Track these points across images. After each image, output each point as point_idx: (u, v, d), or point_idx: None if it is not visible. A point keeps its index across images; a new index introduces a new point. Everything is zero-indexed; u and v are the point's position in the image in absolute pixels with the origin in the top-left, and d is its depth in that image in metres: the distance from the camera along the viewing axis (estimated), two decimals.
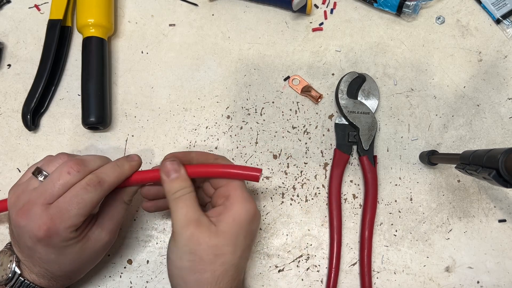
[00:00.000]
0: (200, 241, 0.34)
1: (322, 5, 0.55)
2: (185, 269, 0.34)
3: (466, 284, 0.48)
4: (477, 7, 0.56)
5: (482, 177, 0.36)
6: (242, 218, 0.35)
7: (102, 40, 0.50)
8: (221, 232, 0.35)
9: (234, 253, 0.35)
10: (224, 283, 0.35)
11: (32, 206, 0.34)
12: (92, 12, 0.49)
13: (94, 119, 0.47)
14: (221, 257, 0.34)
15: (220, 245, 0.34)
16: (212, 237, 0.34)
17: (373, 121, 0.50)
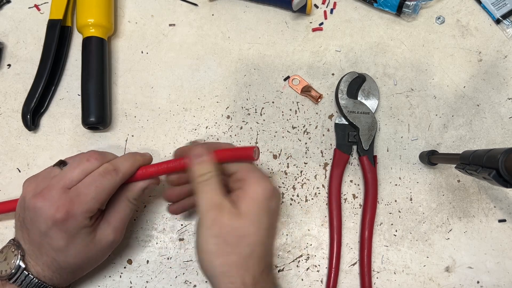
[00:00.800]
0: (223, 224, 0.34)
1: (322, 5, 0.55)
2: (211, 252, 0.35)
3: (466, 284, 0.48)
4: (477, 7, 0.56)
5: (482, 177, 0.36)
6: (260, 197, 0.36)
7: (102, 40, 0.50)
8: (243, 213, 0.35)
9: (258, 232, 0.35)
10: (252, 265, 0.35)
11: (51, 190, 0.36)
12: (92, 12, 0.49)
13: (94, 119, 0.47)
14: (246, 238, 0.35)
15: (243, 227, 0.35)
16: (234, 220, 0.35)
17: (373, 121, 0.50)
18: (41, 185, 0.37)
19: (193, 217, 0.48)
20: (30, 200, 0.36)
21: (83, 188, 0.37)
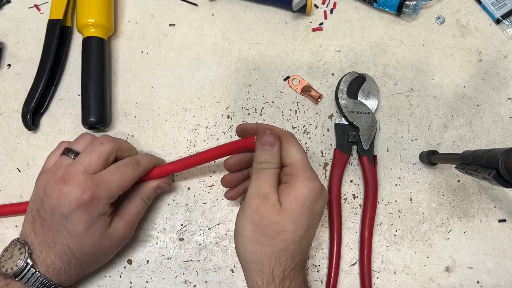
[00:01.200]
0: (264, 215, 0.36)
1: (322, 5, 0.55)
2: (247, 238, 0.36)
3: (466, 284, 0.48)
4: (477, 7, 0.56)
5: (482, 177, 0.36)
6: (304, 197, 0.36)
7: (102, 40, 0.50)
8: (284, 210, 0.36)
9: (296, 231, 0.36)
10: (284, 260, 0.36)
11: (74, 175, 0.37)
12: (92, 12, 0.49)
13: (94, 119, 0.47)
14: (282, 234, 0.35)
15: (281, 223, 0.35)
16: (275, 214, 0.35)
17: (373, 121, 0.50)
18: (59, 174, 0.38)
19: (193, 217, 0.48)
20: (54, 187, 0.37)
21: (108, 174, 0.39)
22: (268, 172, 0.37)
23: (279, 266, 0.35)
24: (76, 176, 0.37)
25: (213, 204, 0.49)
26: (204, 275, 0.47)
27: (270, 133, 0.38)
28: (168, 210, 0.48)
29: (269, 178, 0.37)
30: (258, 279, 0.36)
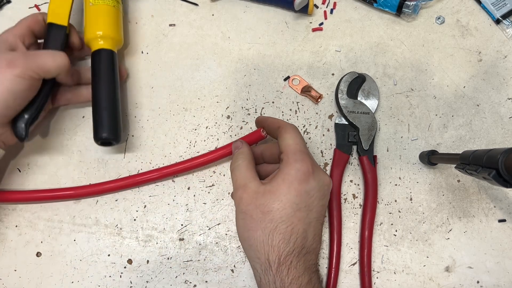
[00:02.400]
0: (249, 201, 0.37)
1: (322, 5, 0.55)
2: (240, 227, 0.38)
3: (466, 284, 0.48)
4: (477, 7, 0.56)
5: (482, 177, 0.36)
6: (292, 178, 0.37)
7: (112, 53, 0.47)
8: (269, 191, 0.37)
9: (283, 210, 0.36)
10: (277, 242, 0.36)
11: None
12: (100, 24, 0.47)
13: (107, 135, 0.44)
14: (269, 214, 0.36)
15: (266, 203, 0.37)
16: (259, 197, 0.37)
17: (373, 121, 0.50)
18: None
19: (193, 217, 0.48)
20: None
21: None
22: (242, 164, 0.40)
23: (273, 251, 0.35)
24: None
25: (213, 204, 0.49)
26: (204, 275, 0.47)
27: (237, 140, 0.44)
28: (168, 210, 0.49)
29: (243, 168, 0.40)
30: (258, 266, 0.37)
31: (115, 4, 0.48)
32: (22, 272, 0.47)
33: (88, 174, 0.49)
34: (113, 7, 0.48)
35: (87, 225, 0.48)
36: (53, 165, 0.50)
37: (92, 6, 0.47)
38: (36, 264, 0.47)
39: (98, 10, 0.47)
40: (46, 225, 0.48)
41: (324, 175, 0.39)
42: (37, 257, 0.47)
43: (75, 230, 0.48)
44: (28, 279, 0.47)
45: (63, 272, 0.47)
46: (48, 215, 0.48)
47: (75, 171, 0.49)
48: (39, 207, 0.48)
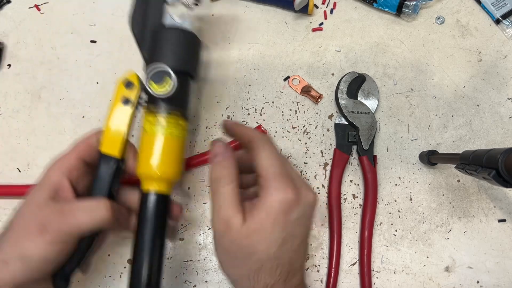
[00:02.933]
0: (232, 241, 0.33)
1: (322, 5, 0.55)
2: (223, 263, 0.35)
3: (466, 284, 0.48)
4: (477, 7, 0.56)
5: (482, 177, 0.36)
6: (275, 211, 0.33)
7: (165, 198, 0.38)
8: (253, 230, 0.33)
9: (269, 249, 0.33)
10: (263, 276, 0.33)
11: None
12: (154, 160, 0.37)
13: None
14: (255, 255, 0.33)
15: (251, 245, 0.33)
16: (243, 238, 0.33)
17: (373, 121, 0.50)
18: None
19: (193, 217, 0.48)
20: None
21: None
22: (224, 190, 0.34)
23: (258, 283, 0.34)
24: None
25: None
26: (204, 275, 0.47)
27: (219, 142, 0.36)
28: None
29: (227, 198, 0.34)
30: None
31: (178, 132, 0.38)
32: None
33: None
34: (176, 137, 0.38)
35: None
36: None
37: (147, 134, 0.38)
38: None
39: (154, 141, 0.37)
40: None
41: (308, 193, 0.35)
42: None
43: None
44: None
45: None
46: None
47: None
48: None
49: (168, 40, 0.38)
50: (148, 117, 0.38)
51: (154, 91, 0.36)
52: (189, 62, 0.40)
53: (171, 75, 0.36)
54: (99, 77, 0.52)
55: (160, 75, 0.36)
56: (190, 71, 0.40)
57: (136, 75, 0.39)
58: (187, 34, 0.39)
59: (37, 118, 0.51)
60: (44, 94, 0.51)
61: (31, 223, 0.34)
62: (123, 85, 0.39)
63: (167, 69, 0.36)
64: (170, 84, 0.36)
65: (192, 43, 0.40)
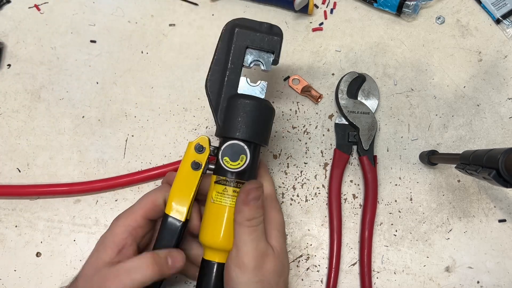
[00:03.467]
0: (268, 270, 0.35)
1: (322, 5, 0.55)
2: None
3: (466, 284, 0.48)
4: (477, 7, 0.56)
5: (482, 177, 0.36)
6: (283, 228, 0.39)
7: (222, 266, 0.38)
8: (278, 252, 0.37)
9: (288, 266, 0.39)
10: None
11: None
12: (217, 231, 0.37)
13: None
14: (283, 275, 0.37)
15: (282, 267, 0.37)
16: (276, 263, 0.36)
17: (373, 121, 0.50)
18: None
19: None
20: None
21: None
22: (260, 227, 0.36)
23: None
24: None
25: None
26: None
27: (254, 184, 0.36)
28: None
29: (262, 233, 0.36)
30: None
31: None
32: (22, 272, 0.47)
33: (88, 174, 0.49)
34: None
35: (87, 225, 0.48)
36: (53, 165, 0.50)
37: (214, 204, 0.38)
38: (36, 264, 0.47)
39: (222, 213, 0.37)
40: (46, 225, 0.48)
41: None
42: (37, 257, 0.47)
43: (75, 230, 0.48)
44: (28, 280, 0.47)
45: (63, 272, 0.47)
46: (47, 215, 0.48)
47: (75, 171, 0.49)
48: (39, 207, 0.48)
49: (243, 111, 0.37)
50: (216, 187, 0.38)
51: (228, 167, 0.36)
52: (263, 134, 0.38)
53: (247, 153, 0.36)
54: (99, 77, 0.52)
55: (235, 151, 0.36)
56: (264, 143, 0.39)
57: (208, 139, 0.39)
58: (262, 104, 0.38)
59: (36, 118, 0.51)
60: (44, 94, 0.51)
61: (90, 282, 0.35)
62: (194, 149, 0.39)
63: (243, 146, 0.36)
64: (244, 160, 0.36)
65: (266, 113, 0.38)
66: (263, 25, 0.40)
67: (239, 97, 0.38)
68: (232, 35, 0.39)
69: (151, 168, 0.49)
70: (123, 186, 0.49)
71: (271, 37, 0.39)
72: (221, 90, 0.39)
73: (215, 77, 0.39)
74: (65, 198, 0.49)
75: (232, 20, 0.39)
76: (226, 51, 0.39)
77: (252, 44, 0.39)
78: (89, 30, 0.54)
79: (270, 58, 0.40)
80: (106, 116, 0.51)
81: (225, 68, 0.39)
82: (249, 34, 0.39)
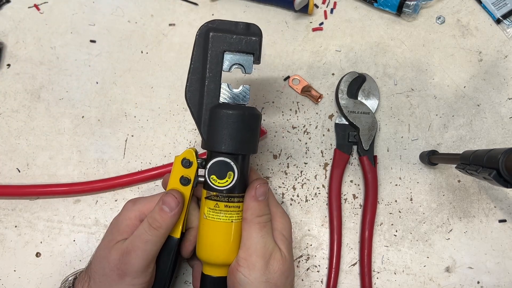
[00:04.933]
0: (275, 270, 0.36)
1: (322, 4, 0.55)
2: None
3: (466, 284, 0.48)
4: (477, 7, 0.55)
5: (483, 177, 0.36)
6: (290, 233, 0.39)
7: (223, 280, 0.38)
8: (285, 255, 0.37)
9: (294, 268, 0.39)
10: None
11: None
12: (209, 247, 0.37)
13: None
14: (290, 276, 0.37)
15: (288, 269, 0.37)
16: (283, 264, 0.36)
17: (373, 121, 0.50)
18: None
19: None
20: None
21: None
22: (268, 225, 0.37)
23: None
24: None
25: None
26: None
27: (264, 183, 0.37)
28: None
29: (270, 231, 0.37)
30: None
31: (239, 216, 0.37)
32: (22, 272, 0.47)
33: (87, 174, 0.49)
34: (236, 223, 0.37)
35: (86, 225, 0.48)
36: (53, 165, 0.49)
37: (207, 220, 0.37)
38: (36, 264, 0.47)
39: (214, 229, 0.37)
40: (46, 225, 0.48)
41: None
42: (37, 258, 0.47)
43: (75, 231, 0.48)
44: (28, 280, 0.47)
45: (63, 272, 0.47)
46: (47, 215, 0.48)
47: (75, 171, 0.49)
48: (39, 207, 0.48)
49: (227, 123, 0.35)
50: (208, 203, 0.37)
51: (216, 185, 0.35)
52: (251, 143, 0.37)
53: (234, 169, 0.35)
54: (99, 77, 0.52)
55: (222, 168, 0.35)
56: (252, 152, 0.37)
57: (195, 152, 0.38)
58: (246, 113, 0.36)
59: (36, 118, 0.51)
60: (44, 94, 0.51)
61: (109, 270, 0.35)
62: (181, 164, 0.38)
63: (229, 163, 0.35)
64: (232, 177, 0.35)
65: (251, 122, 0.36)
66: (239, 26, 0.37)
67: (221, 108, 0.36)
68: (207, 41, 0.36)
69: (151, 168, 0.49)
70: (123, 186, 0.49)
71: (249, 38, 0.36)
72: (202, 101, 0.37)
73: (194, 88, 0.37)
74: (65, 198, 0.49)
75: (205, 23, 0.37)
76: (203, 59, 0.36)
77: (229, 48, 0.36)
78: (89, 30, 0.53)
79: (251, 60, 0.37)
80: (106, 116, 0.51)
81: (203, 77, 0.36)
82: (225, 38, 0.36)
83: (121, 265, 0.35)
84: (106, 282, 0.35)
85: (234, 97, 0.37)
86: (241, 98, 0.37)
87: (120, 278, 0.35)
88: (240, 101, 0.37)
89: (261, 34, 0.37)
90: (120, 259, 0.35)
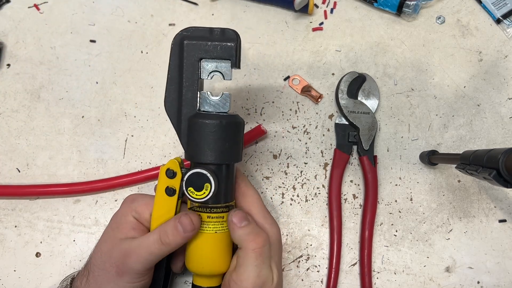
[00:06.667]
0: None
1: (322, 4, 0.55)
2: None
3: (466, 284, 0.48)
4: (478, 7, 0.55)
5: (483, 177, 0.36)
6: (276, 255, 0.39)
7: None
8: (276, 284, 0.36)
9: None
10: None
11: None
12: (197, 259, 0.37)
13: None
14: None
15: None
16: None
17: (373, 121, 0.50)
18: None
19: None
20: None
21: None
22: (265, 250, 0.36)
23: None
24: None
25: None
26: None
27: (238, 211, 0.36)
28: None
29: (268, 257, 0.36)
30: None
31: (223, 226, 0.37)
32: (22, 272, 0.47)
33: (87, 174, 0.49)
34: (221, 234, 0.37)
35: (86, 225, 0.48)
36: (53, 165, 0.49)
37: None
38: (36, 264, 0.47)
39: (201, 240, 0.37)
40: (46, 225, 0.48)
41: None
42: (37, 258, 0.47)
43: (75, 231, 0.48)
44: (28, 280, 0.47)
45: (63, 272, 0.47)
46: (47, 215, 0.48)
47: (75, 171, 0.49)
48: (39, 207, 0.48)
49: (205, 133, 0.35)
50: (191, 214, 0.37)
51: (194, 197, 0.35)
52: (232, 152, 0.36)
53: (211, 181, 0.34)
54: (99, 76, 0.52)
55: (198, 180, 0.35)
56: (234, 161, 0.37)
57: (177, 162, 0.37)
58: (224, 121, 0.35)
59: (36, 118, 0.51)
60: (44, 93, 0.51)
61: (109, 266, 0.36)
62: (165, 175, 0.37)
63: (205, 174, 0.34)
64: (209, 189, 0.35)
65: (231, 130, 0.36)
66: (214, 32, 0.36)
67: (198, 118, 0.35)
68: (182, 49, 0.35)
69: (151, 168, 0.49)
70: (123, 186, 0.49)
71: (225, 44, 0.35)
72: (180, 111, 0.36)
73: (172, 98, 0.36)
74: (64, 198, 0.49)
75: (180, 32, 0.36)
76: (179, 68, 0.36)
77: (205, 55, 0.35)
78: (89, 30, 0.53)
79: (228, 66, 0.36)
80: (105, 116, 0.51)
81: (180, 86, 0.36)
82: (200, 45, 0.35)
83: (121, 265, 0.35)
84: (105, 277, 0.36)
85: (214, 105, 0.37)
86: (221, 106, 0.37)
87: (118, 276, 0.35)
88: (221, 109, 0.37)
89: (237, 39, 0.36)
90: (121, 259, 0.35)
